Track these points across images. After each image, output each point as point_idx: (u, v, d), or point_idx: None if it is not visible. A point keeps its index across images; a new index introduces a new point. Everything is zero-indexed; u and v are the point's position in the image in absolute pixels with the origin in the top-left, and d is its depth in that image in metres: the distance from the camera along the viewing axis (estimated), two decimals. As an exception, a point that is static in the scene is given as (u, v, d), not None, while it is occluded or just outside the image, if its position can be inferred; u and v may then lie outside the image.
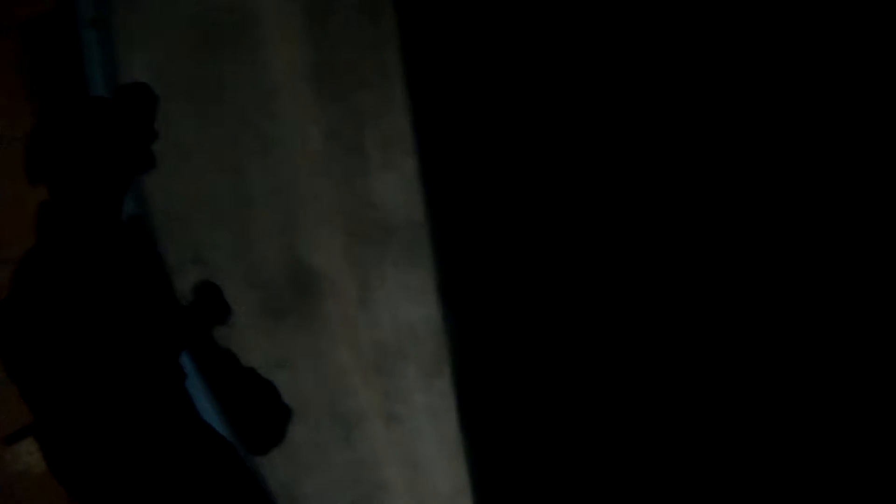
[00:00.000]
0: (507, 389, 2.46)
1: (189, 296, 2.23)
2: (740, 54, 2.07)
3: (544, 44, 2.20)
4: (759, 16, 2.04)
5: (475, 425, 2.49)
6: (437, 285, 2.39)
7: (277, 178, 2.32)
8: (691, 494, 2.27)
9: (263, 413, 2.35)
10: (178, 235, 2.30)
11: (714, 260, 2.18)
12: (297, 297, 2.33)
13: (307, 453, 2.42)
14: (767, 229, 2.12)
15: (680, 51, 2.12)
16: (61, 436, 1.85)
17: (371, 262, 2.35)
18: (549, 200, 2.32)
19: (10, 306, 1.82)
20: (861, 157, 2.01)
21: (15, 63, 2.10)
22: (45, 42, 2.16)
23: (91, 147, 1.85)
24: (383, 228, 2.33)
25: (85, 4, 2.14)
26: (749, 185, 2.12)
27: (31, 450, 1.99)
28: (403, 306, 2.38)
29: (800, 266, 2.10)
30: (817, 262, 2.08)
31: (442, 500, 2.53)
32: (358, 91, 2.30)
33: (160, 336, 1.90)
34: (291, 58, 2.28)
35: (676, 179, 2.18)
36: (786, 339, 2.13)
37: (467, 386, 2.46)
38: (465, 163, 2.35)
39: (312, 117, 2.31)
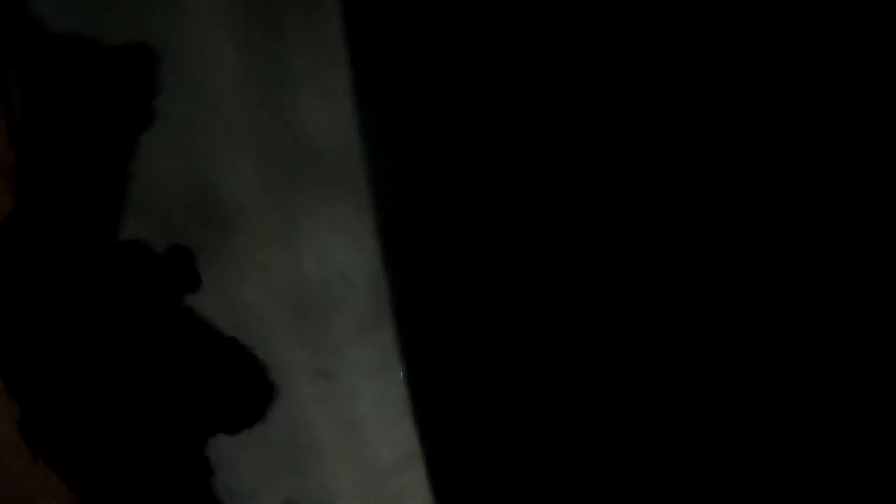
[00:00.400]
0: (457, 344, 2.17)
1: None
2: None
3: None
4: (759, 16, 1.94)
5: (421, 385, 2.18)
6: (374, 223, 2.05)
7: (187, 101, 1.97)
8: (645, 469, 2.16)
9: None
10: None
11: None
12: (205, 233, 1.99)
13: (221, 413, 2.11)
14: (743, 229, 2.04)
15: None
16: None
17: (293, 192, 2.00)
18: (500, 125, 2.04)
19: None
20: (861, 157, 1.97)
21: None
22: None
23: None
24: (308, 153, 1.99)
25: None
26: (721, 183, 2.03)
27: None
28: (333, 246, 2.04)
29: (799, 266, 2.03)
30: (817, 262, 2.03)
31: (385, 468, 2.23)
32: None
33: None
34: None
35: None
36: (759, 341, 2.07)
37: (411, 340, 2.14)
38: (407, 81, 2.03)
39: (228, 34, 1.97)
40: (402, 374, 2.17)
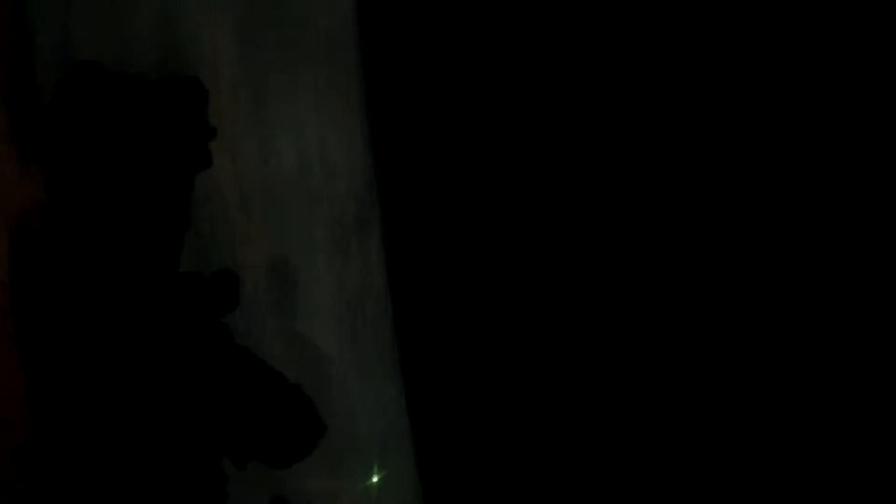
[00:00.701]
0: (458, 305, 1.96)
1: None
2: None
3: None
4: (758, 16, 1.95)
5: (412, 363, 1.84)
6: (366, 115, 1.78)
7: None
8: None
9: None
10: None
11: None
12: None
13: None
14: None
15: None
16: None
17: (277, 66, 1.76)
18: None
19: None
20: (861, 157, 1.97)
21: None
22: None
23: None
24: (296, 20, 1.77)
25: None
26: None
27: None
28: (315, 132, 1.76)
29: (798, 266, 2.01)
30: (817, 262, 2.01)
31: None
32: None
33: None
34: None
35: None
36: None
37: (405, 291, 1.84)
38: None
39: None
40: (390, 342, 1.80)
